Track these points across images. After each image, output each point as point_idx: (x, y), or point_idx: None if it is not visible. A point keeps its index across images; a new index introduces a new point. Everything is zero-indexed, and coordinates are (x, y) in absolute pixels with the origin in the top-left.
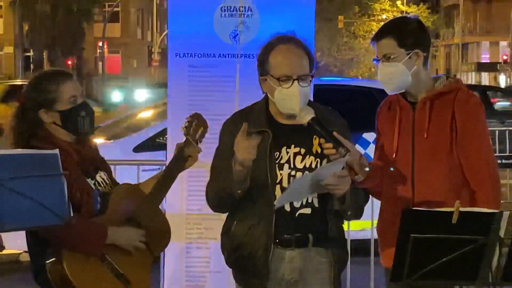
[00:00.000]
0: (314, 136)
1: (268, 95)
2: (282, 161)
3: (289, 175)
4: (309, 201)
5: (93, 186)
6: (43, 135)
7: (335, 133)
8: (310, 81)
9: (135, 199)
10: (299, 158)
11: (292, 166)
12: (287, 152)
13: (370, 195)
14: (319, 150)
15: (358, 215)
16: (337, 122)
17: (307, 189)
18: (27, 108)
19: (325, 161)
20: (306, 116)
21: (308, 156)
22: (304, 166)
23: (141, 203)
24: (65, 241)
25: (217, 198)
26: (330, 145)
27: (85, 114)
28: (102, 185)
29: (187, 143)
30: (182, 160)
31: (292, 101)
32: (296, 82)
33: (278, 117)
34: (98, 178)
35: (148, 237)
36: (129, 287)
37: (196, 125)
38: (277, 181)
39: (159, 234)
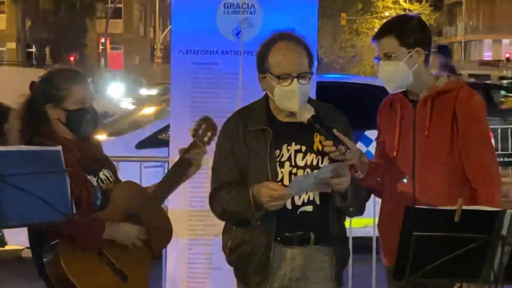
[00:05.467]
0: (315, 133)
1: (268, 93)
2: (283, 159)
3: (290, 172)
4: (311, 198)
5: (95, 183)
6: (46, 131)
7: (335, 131)
8: (310, 78)
9: (137, 197)
10: (300, 155)
11: (293, 163)
12: (288, 150)
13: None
14: (320, 148)
15: (360, 211)
16: (339, 120)
17: (309, 186)
18: (36, 100)
19: (326, 158)
20: (306, 114)
21: (309, 153)
22: (306, 163)
23: (143, 201)
24: (63, 234)
25: (228, 217)
26: (330, 142)
27: (90, 118)
28: (105, 182)
29: (193, 144)
30: (184, 164)
31: (292, 99)
32: (295, 79)
33: (279, 115)
34: (101, 175)
35: (148, 235)
36: (126, 283)
37: (205, 128)
38: (278, 179)
39: (160, 233)
